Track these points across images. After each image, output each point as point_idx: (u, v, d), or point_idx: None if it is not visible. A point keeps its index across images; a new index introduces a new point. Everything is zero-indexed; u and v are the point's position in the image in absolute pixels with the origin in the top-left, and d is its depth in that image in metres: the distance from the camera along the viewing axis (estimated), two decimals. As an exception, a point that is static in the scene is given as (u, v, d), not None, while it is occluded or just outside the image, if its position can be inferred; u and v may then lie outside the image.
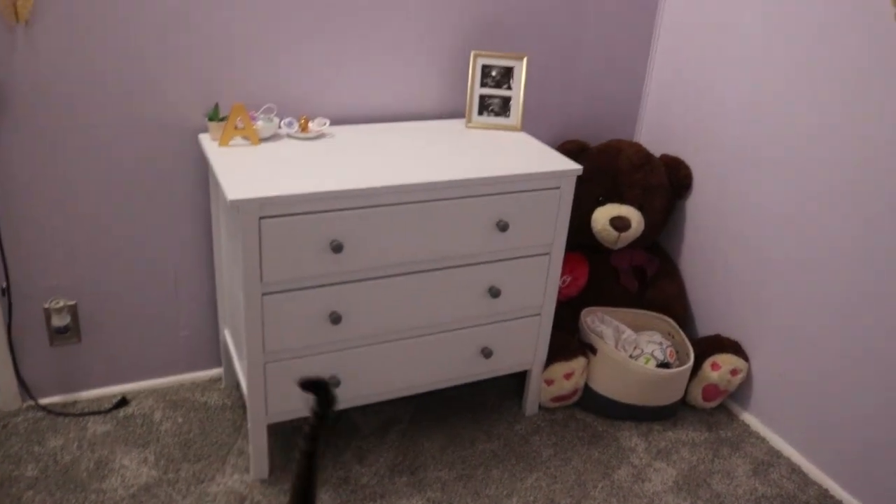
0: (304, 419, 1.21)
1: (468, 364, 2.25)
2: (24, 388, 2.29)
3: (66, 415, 2.30)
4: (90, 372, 2.36)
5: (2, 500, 1.99)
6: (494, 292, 2.14)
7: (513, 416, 2.46)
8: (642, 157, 2.55)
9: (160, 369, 2.45)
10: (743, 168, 2.41)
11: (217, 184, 1.92)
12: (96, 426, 2.27)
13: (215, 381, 2.51)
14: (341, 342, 2.03)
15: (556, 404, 2.48)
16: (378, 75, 2.34)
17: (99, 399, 2.38)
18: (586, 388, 2.46)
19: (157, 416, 2.33)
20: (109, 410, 2.33)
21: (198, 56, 2.10)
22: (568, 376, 2.39)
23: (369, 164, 2.01)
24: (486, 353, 2.24)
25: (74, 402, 2.36)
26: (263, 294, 1.87)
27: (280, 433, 2.27)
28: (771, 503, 2.18)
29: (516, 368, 2.36)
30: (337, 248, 1.88)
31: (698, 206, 2.61)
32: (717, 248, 2.55)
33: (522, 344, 2.31)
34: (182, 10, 2.04)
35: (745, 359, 2.46)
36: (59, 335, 2.26)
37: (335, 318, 1.96)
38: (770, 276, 2.36)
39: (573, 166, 2.13)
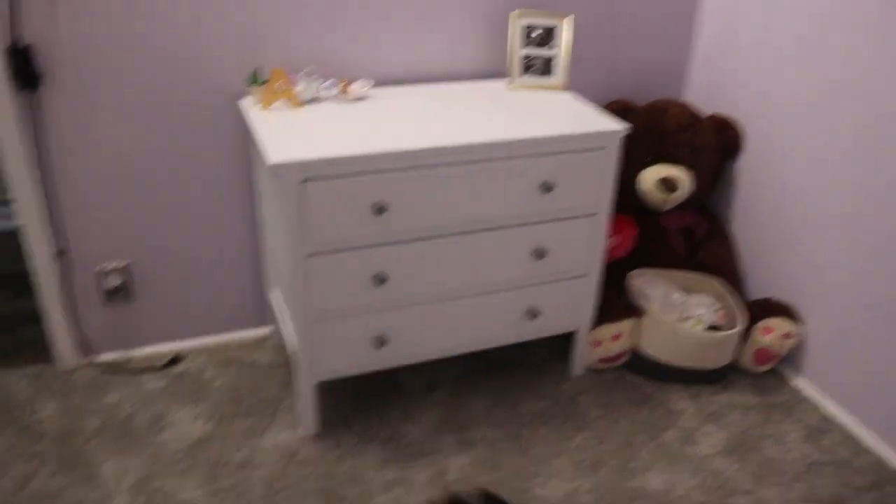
0: None
1: (514, 325, 2.25)
2: (83, 346, 2.38)
3: (122, 371, 2.39)
4: (144, 330, 2.44)
5: (67, 451, 2.09)
6: (540, 253, 2.13)
7: (560, 376, 2.46)
8: (689, 117, 2.49)
9: (210, 328, 2.52)
10: (797, 126, 2.33)
11: (259, 148, 1.94)
12: (151, 382, 2.35)
13: (263, 339, 2.57)
14: (387, 303, 2.05)
15: (604, 365, 2.47)
16: (420, 36, 2.32)
17: (153, 356, 2.46)
18: (635, 349, 2.44)
19: (209, 373, 2.40)
20: (163, 367, 2.41)
21: (238, 20, 2.11)
22: (616, 338, 2.38)
23: (411, 125, 2.01)
24: (533, 314, 2.23)
25: (129, 360, 2.44)
26: (308, 255, 1.89)
27: (328, 390, 2.32)
28: (824, 469, 2.14)
29: (563, 329, 2.36)
30: (380, 210, 1.89)
31: (749, 167, 2.54)
32: (769, 209, 2.48)
33: (569, 305, 2.30)
34: (227, -27, 2.05)
35: (798, 323, 2.40)
36: (114, 295, 2.34)
37: (380, 280, 1.98)
38: (824, 238, 2.29)
39: (618, 126, 2.09)
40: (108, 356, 2.43)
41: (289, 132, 1.93)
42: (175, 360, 2.44)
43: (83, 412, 2.21)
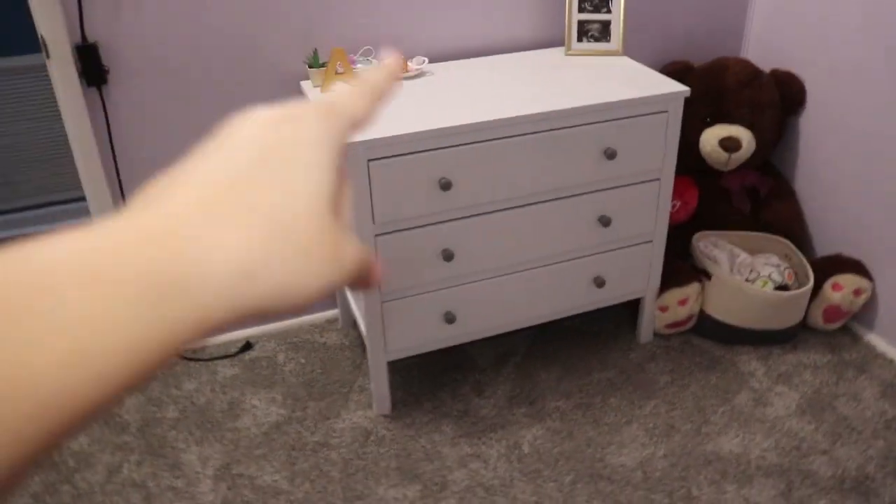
0: None
1: (581, 294, 2.24)
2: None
3: (197, 360, 2.42)
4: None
5: (150, 440, 2.13)
6: (605, 221, 2.12)
7: (628, 344, 2.45)
8: (750, 73, 2.44)
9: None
10: (860, 80, 2.27)
11: (324, 129, 1.94)
12: (225, 369, 2.38)
13: (332, 321, 2.58)
14: (455, 278, 2.05)
15: (671, 331, 2.45)
16: (473, 8, 2.30)
17: (225, 344, 2.49)
18: (701, 313, 2.42)
19: (281, 357, 2.42)
20: (236, 354, 2.44)
21: (294, 5, 2.11)
22: (682, 303, 2.36)
23: (472, 99, 2.00)
24: (599, 282, 2.22)
25: (204, 348, 2.48)
26: (376, 235, 1.90)
27: (400, 368, 2.33)
28: (902, 425, 2.11)
29: (630, 297, 2.34)
30: (445, 185, 1.88)
31: (812, 122, 2.49)
32: (834, 164, 2.44)
33: (635, 272, 2.28)
34: (277, -43, 2.05)
35: (869, 278, 2.36)
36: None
37: (447, 255, 1.98)
38: (892, 191, 2.24)
39: (680, 88, 2.06)
40: (181, 345, 2.47)
41: (351, 113, 1.93)
42: (247, 346, 2.47)
43: (162, 401, 2.26)
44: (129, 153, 2.14)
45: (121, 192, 2.16)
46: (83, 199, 2.17)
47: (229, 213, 0.30)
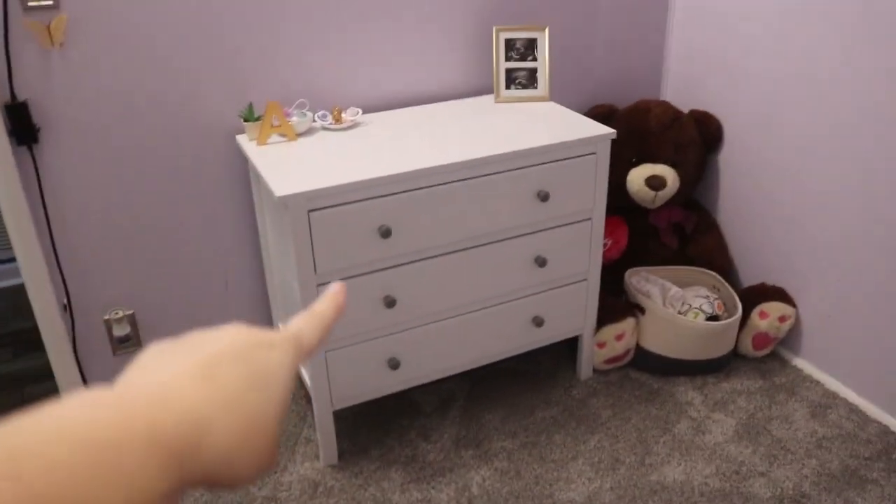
0: None
1: (521, 335, 2.28)
2: (93, 399, 2.35)
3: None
4: (153, 378, 2.42)
5: None
6: (541, 262, 2.17)
7: (568, 381, 2.50)
8: (671, 115, 2.56)
9: (221, 369, 2.50)
10: (773, 116, 2.41)
11: (261, 182, 1.95)
12: (166, 429, 2.33)
13: (274, 375, 2.56)
14: (397, 325, 2.07)
15: (610, 366, 2.51)
16: (404, 60, 2.36)
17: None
18: (638, 347, 2.49)
19: (223, 413, 2.38)
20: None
21: (227, 60, 2.13)
22: (619, 338, 2.42)
23: (406, 147, 2.04)
24: (538, 322, 2.27)
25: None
26: (318, 285, 1.91)
27: (344, 418, 2.32)
28: (832, 444, 2.20)
29: (568, 334, 2.39)
30: (385, 233, 1.91)
31: (731, 158, 2.61)
32: (753, 197, 2.56)
33: (572, 310, 2.34)
34: (208, 19, 2.07)
35: (792, 304, 2.47)
36: (122, 344, 2.32)
37: (389, 302, 2.00)
38: (808, 220, 2.37)
39: (606, 130, 2.14)
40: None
41: (290, 164, 1.95)
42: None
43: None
44: (62, 213, 2.10)
45: (54, 253, 2.12)
46: (13, 260, 2.12)
47: (225, 402, 0.39)
